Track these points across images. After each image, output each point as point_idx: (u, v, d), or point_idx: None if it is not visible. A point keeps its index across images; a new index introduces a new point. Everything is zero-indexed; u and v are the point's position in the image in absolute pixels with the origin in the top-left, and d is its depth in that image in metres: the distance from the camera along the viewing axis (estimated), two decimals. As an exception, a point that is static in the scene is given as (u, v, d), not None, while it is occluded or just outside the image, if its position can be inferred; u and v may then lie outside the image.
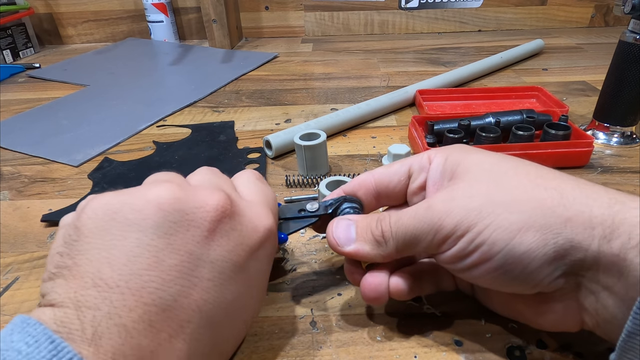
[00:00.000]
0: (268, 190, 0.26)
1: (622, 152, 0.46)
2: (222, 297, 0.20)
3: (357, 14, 1.02)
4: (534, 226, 0.20)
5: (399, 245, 0.23)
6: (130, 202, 0.19)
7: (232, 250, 0.20)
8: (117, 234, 0.18)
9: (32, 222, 0.38)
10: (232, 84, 0.73)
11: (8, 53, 0.90)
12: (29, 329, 0.15)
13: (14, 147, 0.52)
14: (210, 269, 0.19)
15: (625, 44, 0.44)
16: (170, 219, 0.19)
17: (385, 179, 0.27)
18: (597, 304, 0.20)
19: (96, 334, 0.16)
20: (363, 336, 0.26)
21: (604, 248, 0.19)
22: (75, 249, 0.18)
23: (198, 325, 0.19)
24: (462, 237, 0.21)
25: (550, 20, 1.03)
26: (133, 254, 0.18)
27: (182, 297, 0.18)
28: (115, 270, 0.17)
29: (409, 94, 0.59)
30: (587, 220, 0.19)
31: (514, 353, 0.25)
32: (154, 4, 0.94)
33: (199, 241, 0.19)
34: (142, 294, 0.17)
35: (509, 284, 0.21)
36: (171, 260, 0.18)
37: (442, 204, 0.22)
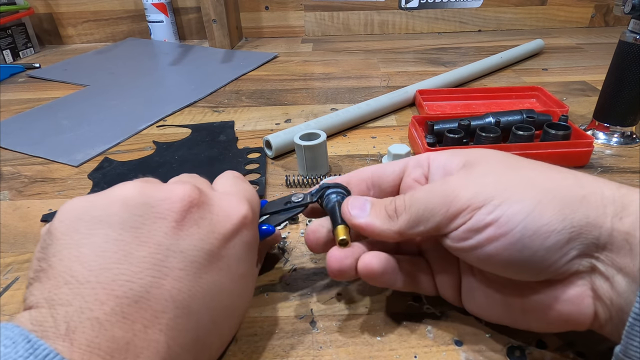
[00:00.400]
0: (245, 185, 0.26)
1: (622, 152, 0.46)
2: (197, 286, 0.20)
3: (357, 14, 1.02)
4: (553, 201, 0.20)
5: (411, 219, 0.22)
6: (97, 201, 0.20)
7: (203, 238, 0.20)
8: (85, 233, 0.19)
9: (32, 222, 0.38)
10: (232, 84, 0.73)
11: (8, 53, 0.90)
12: (6, 332, 0.16)
13: (14, 147, 0.52)
14: (182, 259, 0.19)
15: (625, 44, 0.44)
16: (136, 213, 0.19)
17: (380, 170, 0.27)
18: (612, 291, 0.19)
19: (69, 328, 0.16)
20: (363, 336, 0.26)
21: (616, 225, 0.19)
22: (49, 253, 0.19)
23: (174, 315, 0.19)
24: (479, 209, 0.20)
25: (550, 20, 1.03)
26: (101, 249, 0.18)
27: (154, 287, 0.18)
28: (85, 267, 0.18)
29: (409, 94, 0.59)
30: (599, 199, 0.20)
31: (514, 353, 0.24)
32: (154, 4, 0.94)
33: (166, 232, 0.19)
34: (112, 287, 0.17)
35: (524, 263, 0.20)
36: (140, 252, 0.19)
37: (459, 179, 0.22)
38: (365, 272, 0.23)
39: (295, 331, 0.26)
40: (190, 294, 0.19)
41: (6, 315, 0.29)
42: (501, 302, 0.23)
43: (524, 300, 0.22)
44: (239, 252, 0.22)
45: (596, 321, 0.21)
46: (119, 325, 0.17)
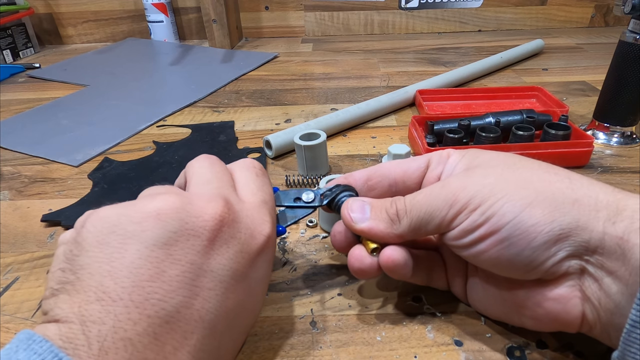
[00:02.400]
0: (266, 185, 0.26)
1: (622, 152, 0.46)
2: (223, 306, 0.20)
3: (357, 14, 1.02)
4: (543, 203, 0.20)
5: (412, 223, 0.23)
6: (129, 215, 0.19)
7: (232, 258, 0.20)
8: (117, 247, 0.18)
9: (32, 222, 0.38)
10: (232, 84, 0.73)
11: (8, 53, 0.90)
12: (34, 346, 0.15)
13: (14, 147, 0.52)
14: (211, 278, 0.19)
15: (625, 44, 0.44)
16: (169, 229, 0.19)
17: (404, 165, 0.27)
18: (601, 292, 0.20)
19: (102, 349, 0.16)
20: (363, 336, 0.26)
21: (608, 230, 0.19)
22: (77, 264, 0.18)
23: (202, 336, 0.19)
24: (475, 210, 0.21)
25: (550, 20, 1.03)
26: (134, 265, 0.18)
27: (185, 307, 0.18)
28: (117, 283, 0.17)
29: (409, 94, 0.59)
30: (593, 203, 0.20)
31: (514, 353, 0.25)
32: (154, 4, 0.94)
33: (199, 250, 0.19)
34: (145, 306, 0.17)
35: (512, 261, 0.21)
36: (172, 270, 0.18)
37: (458, 181, 0.22)
38: (389, 265, 0.24)
39: (295, 331, 0.26)
40: (217, 315, 0.19)
41: (6, 315, 0.29)
42: (498, 297, 0.24)
43: (516, 295, 0.23)
44: (260, 271, 0.22)
45: (585, 322, 0.21)
46: (150, 347, 0.17)
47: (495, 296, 0.24)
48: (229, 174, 0.25)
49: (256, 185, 0.25)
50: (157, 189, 0.22)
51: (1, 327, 0.28)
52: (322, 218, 0.36)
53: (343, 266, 0.32)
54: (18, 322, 0.28)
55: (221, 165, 0.25)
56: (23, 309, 0.29)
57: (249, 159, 0.27)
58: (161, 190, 0.21)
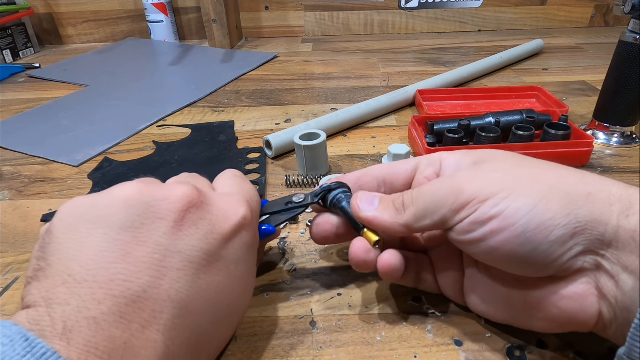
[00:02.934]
0: (246, 185, 0.26)
1: (622, 152, 0.46)
2: (195, 287, 0.20)
3: (357, 14, 1.02)
4: (558, 196, 0.20)
5: (418, 212, 0.23)
6: (97, 201, 0.20)
7: (201, 239, 0.20)
8: (84, 232, 0.19)
9: (32, 222, 0.38)
10: (232, 84, 0.73)
11: (8, 53, 0.90)
12: (4, 330, 0.16)
13: (14, 147, 0.52)
14: (180, 259, 0.19)
15: (625, 44, 0.44)
16: (135, 212, 0.19)
17: (392, 167, 0.28)
18: (617, 290, 0.19)
19: (66, 327, 0.16)
20: (363, 336, 0.26)
21: (623, 223, 0.19)
22: (48, 252, 0.19)
23: (172, 316, 0.19)
24: (484, 202, 0.21)
25: (550, 20, 1.03)
26: (100, 248, 0.18)
27: (152, 287, 0.18)
28: (83, 266, 0.18)
29: (409, 94, 0.59)
30: (606, 197, 0.20)
31: (514, 353, 0.25)
32: (154, 4, 0.94)
33: (165, 232, 0.20)
34: (110, 286, 0.17)
35: (527, 258, 0.20)
36: (138, 252, 0.19)
37: (466, 174, 0.23)
38: (387, 269, 0.24)
39: (295, 331, 0.26)
40: (188, 294, 0.19)
41: (6, 315, 0.29)
42: (504, 297, 0.23)
43: (527, 296, 0.22)
44: (238, 253, 0.22)
45: (600, 322, 0.20)
46: (116, 325, 0.17)
47: (501, 296, 0.23)
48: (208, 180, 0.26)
49: (233, 182, 0.26)
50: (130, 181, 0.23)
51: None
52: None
53: (343, 266, 0.32)
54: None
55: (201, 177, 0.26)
56: (23, 309, 0.29)
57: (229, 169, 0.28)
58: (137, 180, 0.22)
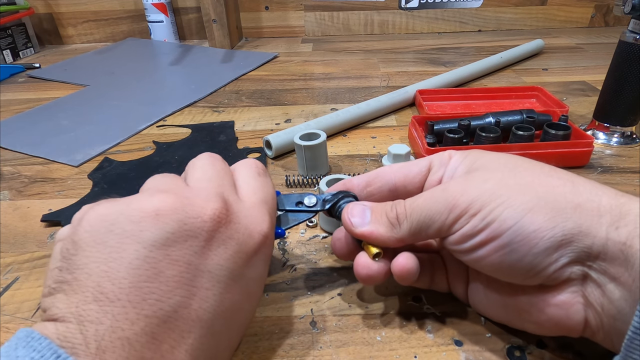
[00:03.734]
0: (267, 186, 0.25)
1: (622, 152, 0.46)
2: (220, 306, 0.20)
3: (357, 14, 1.02)
4: (545, 208, 0.20)
5: (413, 227, 0.23)
6: (127, 213, 0.19)
7: (229, 258, 0.20)
8: (115, 246, 0.18)
9: (32, 222, 0.38)
10: (232, 84, 0.73)
11: (8, 53, 0.90)
12: (33, 343, 0.15)
13: (14, 147, 0.52)
14: (209, 278, 0.19)
15: (625, 44, 0.44)
16: (167, 230, 0.19)
17: (405, 169, 0.27)
18: (603, 298, 0.20)
19: (100, 348, 0.16)
20: (363, 336, 0.26)
21: (611, 235, 0.19)
22: (73, 264, 0.18)
23: (199, 335, 0.19)
24: (475, 215, 0.21)
25: (550, 20, 1.03)
26: (132, 266, 0.18)
27: (182, 307, 0.18)
28: (115, 284, 0.17)
29: (409, 94, 0.59)
30: (595, 208, 0.20)
31: (514, 353, 0.25)
32: (154, 4, 0.94)
33: (196, 251, 0.19)
34: (143, 306, 0.17)
35: (513, 267, 0.21)
36: (170, 271, 0.18)
37: (458, 185, 0.22)
38: (403, 273, 0.24)
39: (295, 331, 0.26)
40: (214, 314, 0.19)
41: (6, 315, 0.29)
42: (500, 302, 0.24)
43: (517, 301, 0.23)
44: (257, 271, 0.22)
45: (588, 328, 0.21)
46: (147, 345, 0.17)
47: (497, 301, 0.24)
48: (230, 173, 0.25)
49: (257, 185, 0.25)
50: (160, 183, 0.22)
51: (1, 327, 0.28)
52: (322, 219, 0.36)
53: (343, 266, 0.32)
54: (18, 322, 0.28)
55: (223, 164, 0.25)
56: (23, 309, 0.29)
57: (251, 159, 0.27)
58: (163, 186, 0.21)
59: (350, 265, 0.32)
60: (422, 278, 0.27)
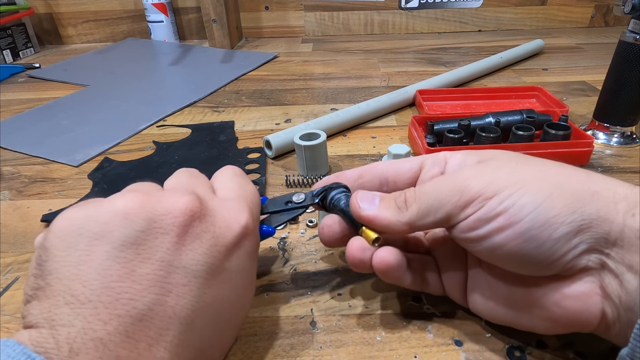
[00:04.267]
0: (247, 185, 0.25)
1: (622, 152, 0.46)
2: (200, 301, 0.19)
3: (357, 14, 1.02)
4: (564, 194, 0.20)
5: (421, 210, 0.22)
6: (95, 215, 0.19)
7: (205, 252, 0.20)
8: (84, 249, 0.18)
9: (32, 222, 0.38)
10: (232, 84, 0.73)
11: (8, 53, 0.90)
12: (8, 350, 0.15)
13: (14, 147, 0.52)
14: (184, 274, 0.19)
15: (625, 44, 0.44)
16: (137, 229, 0.19)
17: (397, 165, 0.27)
18: (621, 289, 0.19)
19: (72, 350, 0.16)
20: (363, 336, 0.26)
21: (629, 222, 0.19)
22: (46, 270, 0.18)
23: (178, 332, 0.18)
24: (490, 199, 0.20)
25: (550, 20, 1.03)
26: (102, 267, 0.18)
27: (157, 305, 0.18)
28: (86, 286, 0.17)
29: (409, 94, 0.59)
30: (612, 196, 0.20)
31: (514, 353, 0.25)
32: (154, 4, 0.94)
33: (169, 247, 0.19)
34: (115, 306, 0.17)
35: (531, 255, 0.20)
36: (142, 269, 0.18)
37: (470, 171, 0.22)
38: (381, 266, 0.23)
39: (295, 331, 0.26)
40: (193, 310, 0.19)
41: (6, 315, 0.29)
42: (506, 296, 0.23)
43: (529, 294, 0.22)
44: (241, 264, 0.22)
45: (603, 322, 0.20)
46: (123, 345, 0.17)
47: (504, 295, 0.23)
48: (206, 178, 0.25)
49: (233, 184, 0.25)
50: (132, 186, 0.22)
51: (1, 327, 0.28)
52: (322, 218, 0.36)
53: (343, 266, 0.32)
54: (18, 322, 0.28)
55: (198, 172, 0.25)
56: (23, 309, 0.29)
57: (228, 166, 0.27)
58: (135, 188, 0.21)
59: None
60: (412, 278, 0.26)
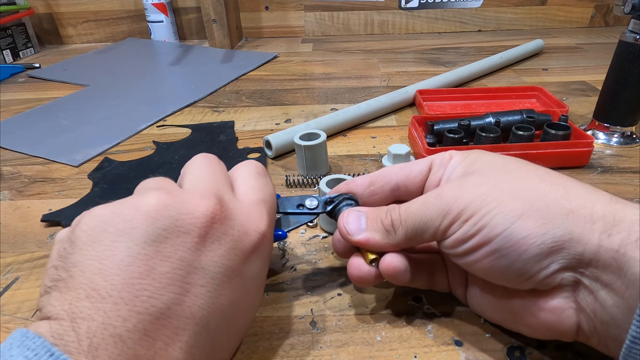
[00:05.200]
0: (267, 186, 0.25)
1: (622, 152, 0.46)
2: (216, 303, 0.20)
3: (357, 14, 1.02)
4: (535, 215, 0.20)
5: (408, 233, 0.23)
6: (120, 212, 0.19)
7: (224, 255, 0.20)
8: (108, 244, 0.18)
9: (32, 222, 0.38)
10: (232, 84, 0.73)
11: (8, 53, 0.90)
12: (27, 342, 0.15)
13: (14, 147, 0.52)
14: (203, 275, 0.19)
15: (625, 44, 0.44)
16: (159, 227, 0.19)
17: (407, 169, 0.27)
18: (596, 304, 0.19)
19: (92, 345, 0.16)
20: (363, 336, 0.26)
21: (604, 242, 0.19)
22: (69, 262, 0.18)
23: (194, 332, 0.19)
24: (467, 221, 0.21)
25: (550, 20, 1.03)
26: (124, 263, 0.18)
27: (175, 304, 0.18)
28: (107, 281, 0.17)
29: (409, 94, 0.59)
30: (588, 215, 0.19)
31: (514, 353, 0.25)
32: (154, 4, 0.94)
33: (189, 247, 0.19)
34: (135, 303, 0.17)
35: (504, 272, 0.21)
36: (162, 267, 0.18)
37: (451, 191, 0.22)
38: (390, 272, 0.24)
39: (295, 331, 0.26)
40: (209, 311, 0.19)
41: (6, 315, 0.29)
42: (495, 304, 0.24)
43: (511, 304, 0.23)
44: (256, 269, 0.22)
45: (581, 333, 0.21)
46: (141, 342, 0.17)
47: (492, 303, 0.24)
48: (226, 173, 0.25)
49: (255, 184, 0.25)
50: (151, 183, 0.22)
51: (1, 327, 0.28)
52: (322, 219, 0.36)
53: (343, 266, 0.32)
54: (18, 322, 0.28)
55: (219, 164, 0.25)
56: (23, 309, 0.29)
57: (251, 160, 0.27)
58: (154, 185, 0.21)
59: (350, 265, 0.32)
60: (420, 278, 0.27)
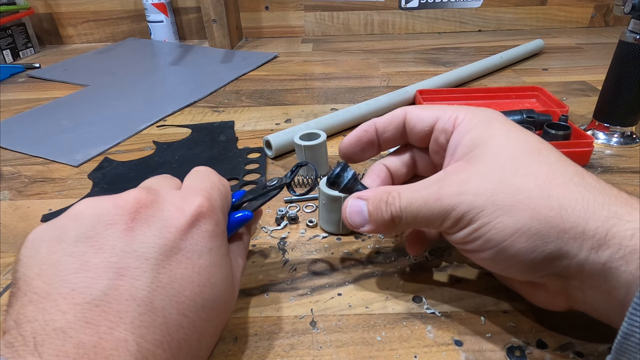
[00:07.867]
0: (210, 177, 0.26)
1: (622, 152, 0.46)
2: (156, 281, 0.20)
3: (357, 14, 1.02)
4: (527, 233, 0.21)
5: (409, 226, 0.26)
6: (55, 222, 0.21)
7: (155, 234, 0.21)
8: (46, 252, 0.20)
9: (32, 222, 0.38)
10: (232, 84, 0.73)
11: (8, 53, 0.90)
12: None
13: (14, 147, 0.52)
14: (135, 258, 0.20)
15: (625, 44, 0.44)
16: (88, 224, 0.20)
17: (412, 122, 0.29)
18: (585, 297, 0.22)
19: (36, 342, 0.17)
20: (363, 336, 0.26)
21: (591, 257, 0.20)
22: (16, 277, 0.20)
23: (138, 313, 0.19)
24: (465, 228, 0.23)
25: (550, 20, 1.03)
26: (60, 262, 0.19)
27: (112, 289, 0.19)
28: (46, 282, 0.18)
29: (409, 94, 0.59)
30: (580, 232, 0.20)
31: (514, 353, 0.25)
32: (154, 4, 0.95)
33: (119, 235, 0.20)
34: (73, 295, 0.18)
35: (501, 270, 0.24)
36: (96, 259, 0.19)
37: (450, 198, 0.23)
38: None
39: (295, 331, 0.26)
40: (150, 290, 0.20)
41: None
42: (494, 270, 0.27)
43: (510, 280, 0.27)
44: (200, 243, 0.22)
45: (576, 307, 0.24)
46: (83, 330, 0.17)
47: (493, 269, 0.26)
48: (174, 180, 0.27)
49: (197, 177, 0.26)
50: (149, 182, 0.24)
51: (1, 327, 0.28)
52: (322, 218, 0.36)
53: (343, 266, 0.32)
54: (18, 322, 0.28)
55: (171, 177, 0.27)
56: (23, 309, 0.29)
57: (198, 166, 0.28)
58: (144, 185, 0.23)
59: (350, 265, 0.32)
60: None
